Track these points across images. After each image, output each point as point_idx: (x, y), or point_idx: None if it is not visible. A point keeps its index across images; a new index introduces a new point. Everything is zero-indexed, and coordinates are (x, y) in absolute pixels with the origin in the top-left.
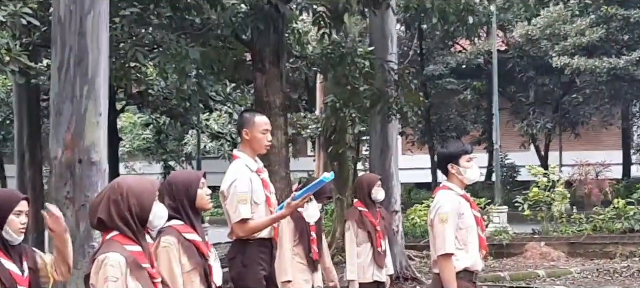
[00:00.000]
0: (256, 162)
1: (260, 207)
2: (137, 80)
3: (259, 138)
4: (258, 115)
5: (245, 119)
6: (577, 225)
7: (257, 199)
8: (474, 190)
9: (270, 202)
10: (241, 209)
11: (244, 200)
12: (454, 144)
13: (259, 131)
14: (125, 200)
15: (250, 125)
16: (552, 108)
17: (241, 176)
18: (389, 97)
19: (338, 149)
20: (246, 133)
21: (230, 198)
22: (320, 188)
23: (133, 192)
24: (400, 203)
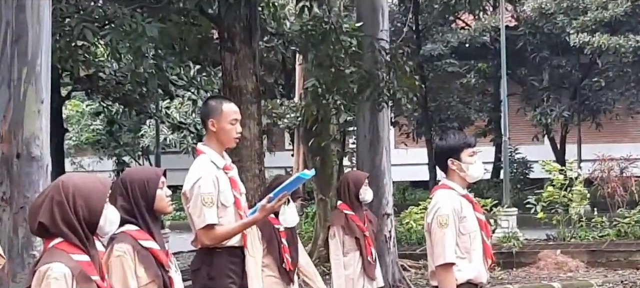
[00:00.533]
0: (223, 157)
1: (228, 211)
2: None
3: (227, 129)
4: (226, 103)
5: (212, 107)
6: (598, 230)
7: (225, 201)
8: (479, 190)
9: (240, 205)
10: (206, 213)
11: (209, 202)
12: (455, 136)
13: (227, 121)
14: (72, 202)
15: (217, 115)
16: (570, 94)
17: (206, 174)
18: (379, 81)
19: (320, 142)
20: (212, 124)
21: (193, 201)
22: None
23: (80, 192)
24: (392, 205)
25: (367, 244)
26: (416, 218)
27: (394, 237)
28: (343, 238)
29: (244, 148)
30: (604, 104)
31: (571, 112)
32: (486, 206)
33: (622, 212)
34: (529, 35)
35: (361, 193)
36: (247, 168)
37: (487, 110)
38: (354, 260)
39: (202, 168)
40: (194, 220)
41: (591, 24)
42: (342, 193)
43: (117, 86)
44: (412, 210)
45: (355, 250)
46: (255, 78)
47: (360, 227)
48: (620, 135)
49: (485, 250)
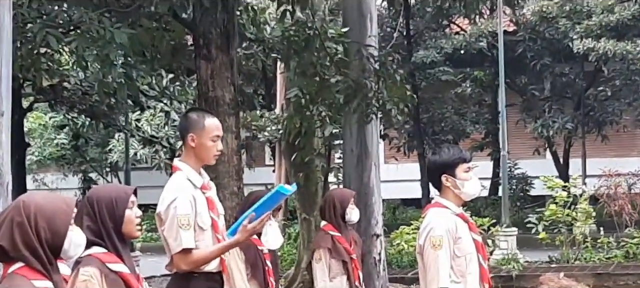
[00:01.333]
0: (201, 175)
1: (205, 234)
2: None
3: (208, 146)
4: (209, 117)
5: (192, 121)
6: (605, 252)
7: (202, 224)
8: (476, 208)
9: (218, 228)
10: (183, 236)
11: (186, 225)
12: (449, 150)
13: (208, 137)
14: (33, 224)
15: (198, 129)
16: (573, 104)
17: (182, 195)
18: (367, 91)
19: (304, 157)
20: (192, 138)
21: (169, 223)
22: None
23: (43, 213)
24: (382, 225)
25: (354, 268)
26: (408, 239)
27: (384, 259)
28: (329, 262)
29: (221, 164)
30: (611, 115)
31: (575, 124)
32: (483, 226)
33: (630, 231)
34: (529, 40)
35: (347, 214)
36: (224, 186)
37: (484, 122)
38: (340, 286)
39: (179, 187)
40: (170, 243)
41: (596, 28)
42: (327, 213)
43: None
44: (403, 230)
45: (342, 275)
46: (233, 88)
47: (347, 250)
48: (628, 148)
49: (482, 273)
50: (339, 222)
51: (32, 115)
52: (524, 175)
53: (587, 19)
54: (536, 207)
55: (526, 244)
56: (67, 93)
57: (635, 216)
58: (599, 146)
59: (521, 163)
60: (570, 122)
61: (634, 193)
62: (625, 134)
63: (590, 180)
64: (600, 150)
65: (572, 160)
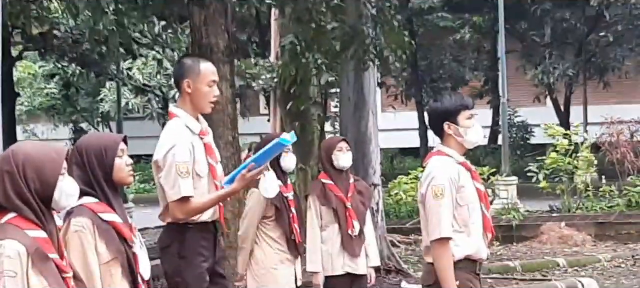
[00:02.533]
0: (199, 122)
1: (203, 181)
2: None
3: (204, 91)
4: (204, 62)
5: (187, 66)
6: (606, 200)
7: (200, 171)
8: (475, 157)
9: (216, 174)
10: (182, 184)
11: (185, 172)
12: (451, 97)
13: (204, 83)
14: (22, 173)
15: (193, 75)
16: (575, 50)
17: (181, 141)
18: (364, 38)
19: (299, 105)
20: (188, 84)
21: (167, 170)
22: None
23: (32, 162)
24: (380, 175)
25: (348, 216)
26: (406, 189)
27: (382, 209)
28: (320, 210)
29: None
30: (613, 61)
31: (576, 70)
32: (483, 175)
33: (632, 180)
34: None
35: (333, 159)
36: (219, 135)
37: (483, 68)
38: (332, 234)
39: (177, 134)
40: (167, 191)
41: None
42: (320, 162)
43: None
44: (401, 180)
45: (333, 223)
46: (227, 35)
47: (339, 198)
48: (630, 95)
49: (484, 223)
50: (329, 169)
51: (21, 65)
52: (524, 123)
53: None
54: (536, 155)
55: (526, 193)
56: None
57: (637, 164)
58: (600, 93)
59: (521, 110)
60: (571, 68)
61: (637, 140)
62: (628, 81)
63: (592, 127)
64: (602, 97)
65: (573, 107)
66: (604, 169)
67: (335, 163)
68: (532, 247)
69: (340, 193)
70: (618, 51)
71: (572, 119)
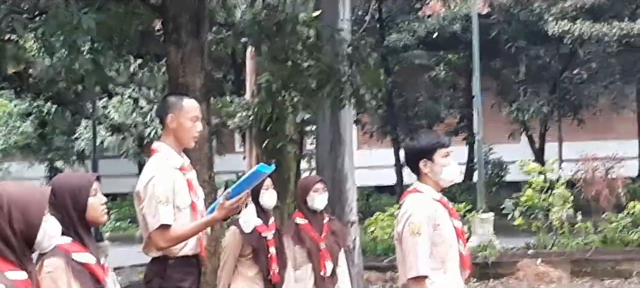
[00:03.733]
0: (182, 157)
1: (183, 214)
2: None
3: (187, 127)
4: (187, 99)
5: (171, 102)
6: (582, 237)
7: (181, 203)
8: (451, 194)
9: (197, 209)
10: (161, 212)
11: (164, 201)
12: (427, 135)
13: (187, 118)
14: (6, 214)
15: (176, 110)
16: (549, 87)
17: (161, 173)
18: (340, 76)
19: (276, 143)
20: (172, 118)
21: (147, 200)
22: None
23: (17, 203)
24: (357, 212)
25: (320, 257)
26: (382, 226)
27: (359, 247)
28: (294, 250)
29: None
30: (587, 98)
31: (551, 108)
32: (459, 211)
33: (608, 216)
34: (503, 23)
35: (309, 200)
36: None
37: (459, 106)
38: (305, 275)
39: (158, 166)
40: (148, 221)
41: (571, 10)
42: (296, 201)
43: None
44: (377, 217)
45: (306, 263)
46: (203, 74)
47: (313, 238)
48: (605, 132)
49: (461, 260)
50: (304, 209)
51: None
52: (500, 160)
53: (562, 1)
54: (512, 192)
55: (502, 230)
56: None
57: (612, 200)
58: (575, 130)
59: (496, 147)
60: (545, 105)
61: (611, 177)
62: (602, 117)
63: (567, 164)
64: (577, 134)
65: (548, 144)
66: (580, 206)
67: (310, 205)
68: (508, 284)
69: (314, 233)
70: (592, 88)
71: (547, 156)
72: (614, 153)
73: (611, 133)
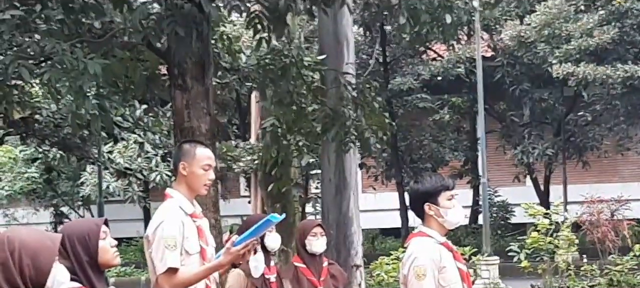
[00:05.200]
0: (193, 205)
1: (192, 259)
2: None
3: (198, 175)
4: (200, 147)
5: (184, 150)
6: (588, 279)
7: (189, 248)
8: (456, 237)
9: (206, 256)
10: (168, 256)
11: (172, 246)
12: (431, 178)
13: (199, 166)
14: (17, 260)
15: (189, 158)
16: (554, 130)
17: (171, 218)
18: (345, 119)
19: (281, 187)
20: (183, 167)
21: (155, 244)
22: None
23: (27, 250)
24: (362, 256)
25: None
26: (387, 270)
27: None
28: None
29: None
30: (591, 141)
31: (555, 150)
32: (465, 254)
33: (613, 259)
34: (507, 66)
35: (307, 244)
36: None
37: (463, 149)
38: None
39: (168, 211)
40: (156, 265)
41: (575, 53)
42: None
43: (55, 129)
44: (382, 261)
45: None
46: (208, 118)
47: (311, 282)
48: (610, 174)
49: None
50: (302, 253)
51: (2, 149)
52: (505, 202)
53: (566, 44)
54: (517, 235)
55: (508, 273)
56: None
57: (618, 243)
58: (580, 172)
59: (501, 190)
60: (550, 148)
61: (617, 219)
62: (606, 160)
63: (572, 206)
64: (581, 176)
65: (553, 186)
66: (585, 248)
67: (308, 248)
68: None
69: (312, 277)
70: (596, 131)
71: (552, 198)
72: (619, 195)
73: (615, 175)
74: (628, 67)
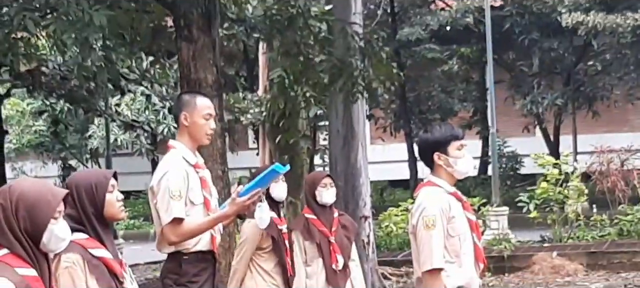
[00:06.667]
0: (196, 155)
1: (196, 209)
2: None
3: (200, 124)
4: (200, 97)
5: (185, 100)
6: (598, 230)
7: (194, 198)
8: (465, 187)
9: (209, 206)
10: (174, 207)
11: (177, 196)
12: (441, 127)
13: (200, 116)
14: (14, 210)
15: (190, 108)
16: (563, 79)
17: (175, 168)
18: (353, 70)
19: (289, 139)
20: (185, 117)
21: (160, 195)
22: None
23: (25, 201)
24: (371, 207)
25: (332, 251)
26: (396, 221)
27: (373, 242)
28: (303, 245)
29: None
30: (601, 90)
31: (565, 100)
32: (474, 205)
33: (623, 208)
34: (516, 15)
35: (317, 195)
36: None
37: (472, 99)
38: (316, 269)
39: (172, 162)
40: (161, 215)
41: (585, 2)
42: (305, 197)
43: (62, 82)
44: (391, 212)
45: (317, 258)
46: (215, 69)
47: (323, 232)
48: (620, 123)
49: (476, 253)
50: (312, 204)
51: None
52: (514, 153)
53: None
54: (527, 185)
55: (517, 224)
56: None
57: (628, 193)
58: (589, 122)
59: (510, 141)
60: (559, 98)
61: (627, 169)
62: (616, 109)
63: (582, 157)
64: (591, 126)
65: (563, 137)
66: (595, 198)
67: (319, 199)
68: (524, 278)
69: (323, 228)
70: (606, 80)
71: (562, 149)
72: (629, 145)
73: (625, 124)
74: (638, 16)
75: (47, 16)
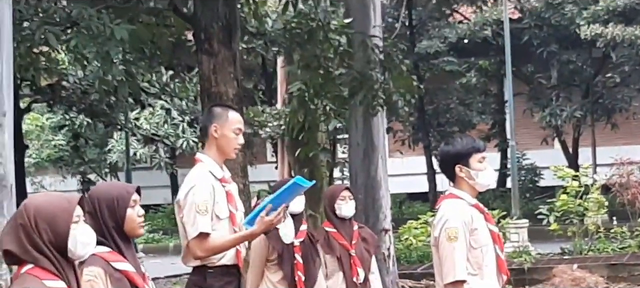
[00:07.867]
0: (222, 169)
1: (222, 224)
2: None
3: (230, 138)
4: (232, 111)
5: (217, 113)
6: (618, 242)
7: (220, 212)
8: (484, 200)
9: (235, 221)
10: (200, 221)
11: (203, 210)
12: (462, 140)
13: (231, 129)
14: (34, 225)
15: (222, 121)
16: (582, 91)
17: (201, 182)
18: (373, 83)
19: (308, 152)
20: (215, 129)
21: (187, 209)
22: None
23: (43, 214)
24: (391, 220)
25: (352, 264)
26: (416, 234)
27: (393, 254)
28: (324, 258)
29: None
30: (620, 102)
31: (584, 112)
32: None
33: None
34: (534, 28)
35: (336, 208)
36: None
37: (491, 112)
38: (337, 282)
39: (198, 176)
40: (187, 229)
41: (603, 13)
42: (324, 210)
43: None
44: (411, 225)
45: (338, 271)
46: (236, 83)
47: (343, 246)
48: (639, 136)
49: (498, 264)
50: (332, 217)
51: (29, 117)
52: (533, 165)
53: (593, 4)
54: (546, 198)
55: (537, 236)
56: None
57: None
58: (608, 134)
59: (529, 153)
60: (578, 110)
61: None
62: (635, 121)
63: (601, 169)
64: (610, 138)
65: (582, 149)
66: (615, 210)
67: (338, 212)
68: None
69: (344, 241)
70: (625, 92)
71: (581, 161)
72: None
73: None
74: None
75: (68, 30)
